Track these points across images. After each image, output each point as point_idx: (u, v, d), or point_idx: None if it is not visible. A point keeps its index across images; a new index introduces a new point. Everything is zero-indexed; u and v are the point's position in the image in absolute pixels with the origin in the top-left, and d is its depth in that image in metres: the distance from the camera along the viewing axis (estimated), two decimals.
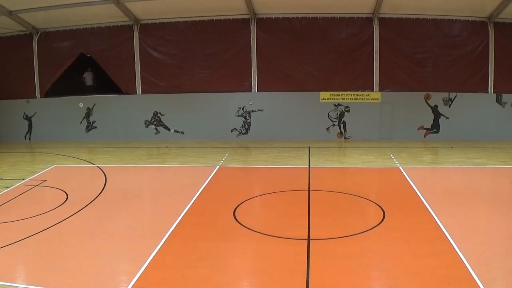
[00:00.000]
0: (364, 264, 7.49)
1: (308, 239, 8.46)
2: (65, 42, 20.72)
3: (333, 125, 20.04)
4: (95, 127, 21.21)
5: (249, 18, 19.63)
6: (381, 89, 19.61)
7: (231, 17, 19.67)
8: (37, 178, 13.70)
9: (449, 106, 19.38)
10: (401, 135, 19.79)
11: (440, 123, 19.50)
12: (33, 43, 20.86)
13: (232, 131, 20.49)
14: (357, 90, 19.68)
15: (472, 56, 19.05)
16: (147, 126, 20.90)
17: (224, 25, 19.84)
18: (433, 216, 9.54)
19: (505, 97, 19.10)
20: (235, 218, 9.75)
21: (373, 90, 19.64)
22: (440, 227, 8.87)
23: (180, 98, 20.51)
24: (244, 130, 20.48)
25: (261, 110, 20.22)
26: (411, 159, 15.87)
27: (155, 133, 20.90)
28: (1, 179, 13.71)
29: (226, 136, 20.37)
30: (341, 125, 20.02)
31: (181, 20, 19.92)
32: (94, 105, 21.05)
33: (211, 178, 13.44)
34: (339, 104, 19.83)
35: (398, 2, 18.01)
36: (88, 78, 21.43)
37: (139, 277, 7.05)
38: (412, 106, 19.49)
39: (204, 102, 20.36)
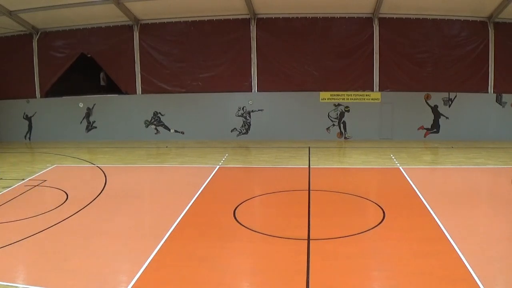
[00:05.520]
0: (364, 264, 7.50)
1: (308, 239, 8.46)
2: (65, 42, 20.73)
3: (333, 125, 20.04)
4: (95, 127, 21.20)
5: (249, 18, 19.63)
6: (381, 89, 19.61)
7: (231, 17, 19.67)
8: (37, 178, 13.70)
9: (449, 106, 19.38)
10: (401, 135, 19.78)
11: (440, 123, 19.50)
12: (33, 43, 20.86)
13: (232, 131, 20.49)
14: (357, 90, 19.68)
15: (472, 56, 19.04)
16: (147, 126, 20.90)
17: (224, 25, 19.84)
18: (433, 216, 9.54)
19: (505, 97, 19.11)
20: (235, 218, 9.75)
21: (373, 90, 19.63)
22: (440, 227, 8.88)
23: (180, 98, 20.51)
24: (244, 130, 20.48)
25: (261, 110, 20.22)
26: (411, 159, 15.86)
27: (155, 133, 20.90)
28: (1, 179, 13.71)
29: (226, 136, 20.36)
30: (341, 125, 20.02)
31: (181, 20, 19.93)
32: (94, 105, 21.05)
33: (211, 178, 13.44)
34: (339, 104, 19.83)
35: (398, 2, 18.01)
36: (104, 78, 21.56)
37: (139, 277, 7.05)
38: (412, 106, 19.49)
39: (204, 102, 20.35)
